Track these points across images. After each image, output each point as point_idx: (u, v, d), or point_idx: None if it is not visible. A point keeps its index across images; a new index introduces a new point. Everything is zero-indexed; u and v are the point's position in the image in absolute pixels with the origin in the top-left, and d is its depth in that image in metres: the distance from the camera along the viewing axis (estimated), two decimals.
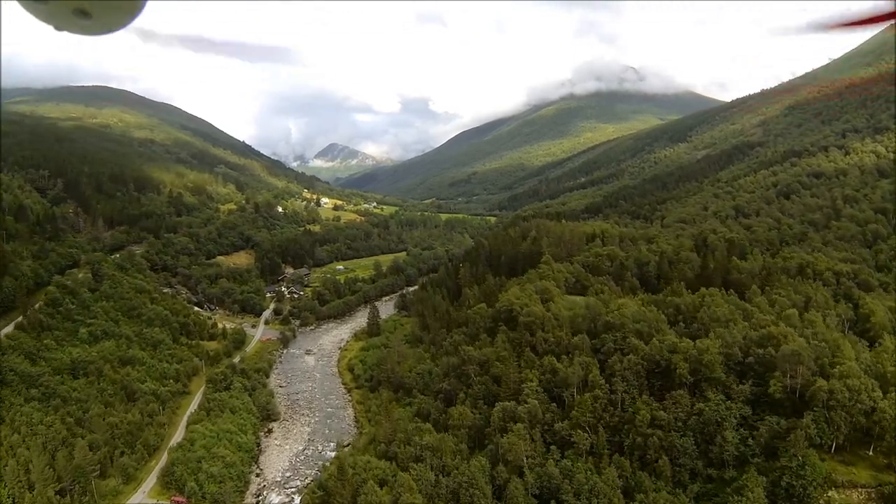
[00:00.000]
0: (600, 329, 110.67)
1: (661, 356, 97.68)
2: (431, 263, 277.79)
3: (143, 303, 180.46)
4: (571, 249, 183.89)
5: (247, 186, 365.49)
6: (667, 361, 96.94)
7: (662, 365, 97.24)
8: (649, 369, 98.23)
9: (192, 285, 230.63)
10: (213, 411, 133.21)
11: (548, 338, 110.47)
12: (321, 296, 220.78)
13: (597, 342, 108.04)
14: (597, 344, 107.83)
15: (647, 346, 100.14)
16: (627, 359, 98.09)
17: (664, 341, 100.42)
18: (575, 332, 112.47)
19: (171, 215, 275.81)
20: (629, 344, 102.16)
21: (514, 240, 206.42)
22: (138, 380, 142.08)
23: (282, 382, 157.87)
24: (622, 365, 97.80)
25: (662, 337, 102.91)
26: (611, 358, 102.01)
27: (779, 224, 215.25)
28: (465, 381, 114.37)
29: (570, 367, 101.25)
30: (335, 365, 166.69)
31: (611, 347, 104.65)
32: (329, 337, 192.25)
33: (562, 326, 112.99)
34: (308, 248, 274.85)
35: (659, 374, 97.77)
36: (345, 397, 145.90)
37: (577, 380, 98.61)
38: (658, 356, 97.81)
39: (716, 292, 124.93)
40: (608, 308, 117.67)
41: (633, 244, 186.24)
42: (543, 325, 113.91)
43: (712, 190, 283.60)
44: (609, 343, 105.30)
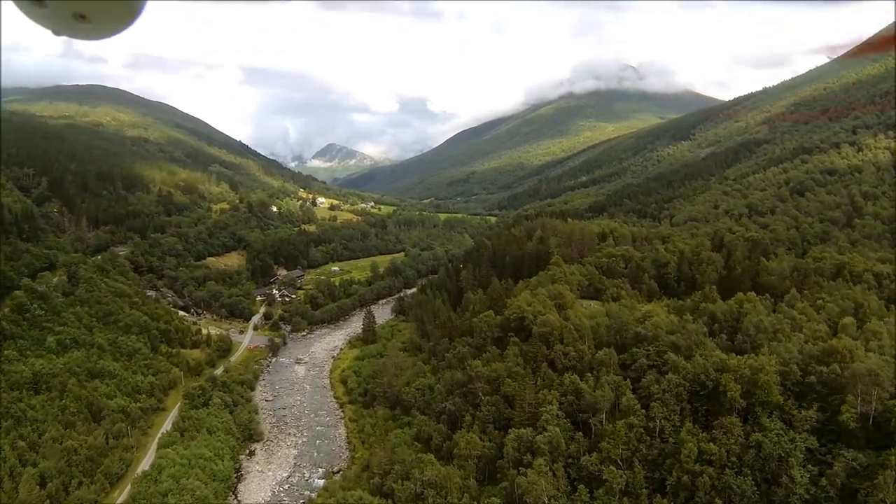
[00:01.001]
0: (629, 341, 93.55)
1: (707, 376, 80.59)
2: (430, 264, 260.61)
3: (121, 308, 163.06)
4: (582, 250, 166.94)
5: (241, 186, 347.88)
6: (714, 382, 79.86)
7: (709, 386, 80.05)
8: (692, 391, 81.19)
9: (178, 288, 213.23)
10: (188, 432, 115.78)
11: (567, 351, 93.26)
12: (314, 299, 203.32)
13: (625, 357, 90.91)
14: (625, 359, 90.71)
15: (689, 362, 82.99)
16: (667, 379, 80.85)
17: (709, 358, 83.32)
18: (598, 345, 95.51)
19: (159, 215, 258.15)
20: (667, 360, 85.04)
21: (518, 239, 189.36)
22: (107, 395, 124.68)
23: (268, 395, 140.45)
24: (660, 386, 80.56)
25: (705, 352, 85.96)
26: (645, 377, 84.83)
27: (797, 222, 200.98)
28: (472, 400, 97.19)
29: (598, 388, 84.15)
30: (327, 376, 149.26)
31: (643, 364, 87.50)
32: (321, 344, 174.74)
33: (583, 338, 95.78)
34: (302, 248, 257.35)
35: (704, 398, 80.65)
36: (336, 413, 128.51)
37: (606, 404, 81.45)
38: (703, 376, 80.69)
39: (755, 297, 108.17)
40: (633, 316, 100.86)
41: (648, 244, 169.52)
42: (562, 336, 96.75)
43: (721, 188, 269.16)
44: (641, 359, 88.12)
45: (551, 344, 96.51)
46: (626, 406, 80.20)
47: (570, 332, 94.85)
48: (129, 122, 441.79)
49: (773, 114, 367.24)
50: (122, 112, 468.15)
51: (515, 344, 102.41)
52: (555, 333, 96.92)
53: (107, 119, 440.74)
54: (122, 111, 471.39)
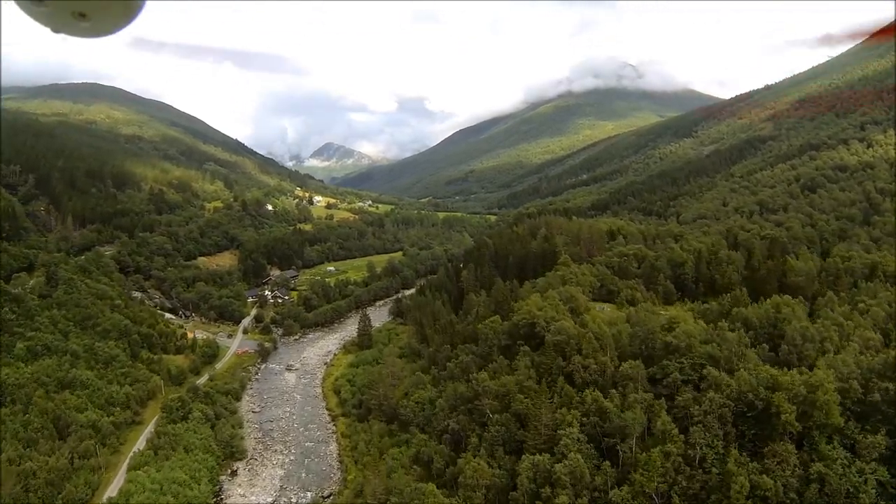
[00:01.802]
0: (657, 353, 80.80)
1: (756, 395, 67.92)
2: (430, 264, 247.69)
3: (102, 311, 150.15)
4: (591, 249, 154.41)
5: (236, 184, 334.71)
6: (763, 402, 67.20)
7: (757, 407, 67.36)
8: (737, 412, 68.53)
9: (166, 289, 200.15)
10: (163, 450, 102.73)
11: (587, 364, 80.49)
12: (308, 300, 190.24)
13: (655, 371, 78.18)
14: (655, 374, 78.00)
15: (733, 378, 70.26)
16: (708, 398, 68.08)
17: (757, 373, 70.63)
18: (622, 357, 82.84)
19: (150, 213, 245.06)
20: (705, 376, 72.34)
21: (522, 238, 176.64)
22: (77, 408, 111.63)
23: (255, 406, 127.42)
24: (701, 407, 67.81)
25: (749, 366, 73.30)
26: (679, 395, 72.15)
27: (812, 220, 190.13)
28: (479, 418, 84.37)
29: (626, 407, 71.44)
30: (319, 384, 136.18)
31: (676, 379, 74.78)
32: (314, 349, 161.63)
33: (604, 348, 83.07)
34: (297, 248, 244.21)
35: (752, 421, 67.99)
36: (328, 427, 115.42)
37: (638, 427, 68.70)
38: (751, 394, 68.02)
39: (792, 301, 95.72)
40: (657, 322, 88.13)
41: (661, 242, 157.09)
42: (580, 345, 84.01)
43: (728, 185, 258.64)
44: (673, 373, 75.39)
45: (567, 355, 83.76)
46: (660, 430, 67.36)
47: (590, 341, 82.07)
48: (124, 119, 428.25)
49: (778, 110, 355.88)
50: (117, 110, 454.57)
51: (526, 354, 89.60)
52: (571, 343, 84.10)
53: (101, 117, 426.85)
54: (117, 109, 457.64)
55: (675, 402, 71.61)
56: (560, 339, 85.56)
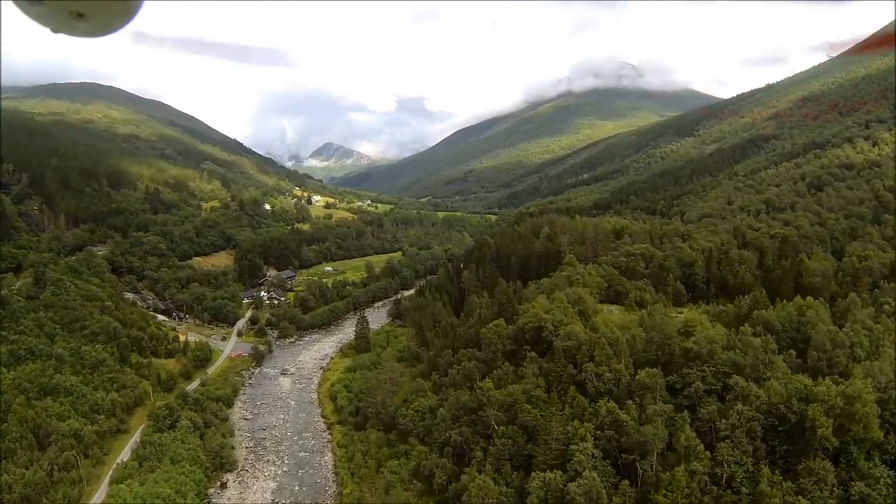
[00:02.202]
0: (676, 360, 74.40)
1: (789, 407, 61.54)
2: (429, 264, 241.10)
3: (90, 313, 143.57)
4: (597, 248, 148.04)
5: (234, 183, 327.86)
6: (797, 415, 60.83)
7: (790, 420, 60.99)
8: (767, 426, 62.17)
9: (159, 290, 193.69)
10: (148, 461, 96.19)
11: (601, 372, 74.04)
12: (304, 301, 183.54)
13: (674, 380, 71.78)
14: (674, 383, 71.60)
15: (762, 389, 63.86)
16: (736, 410, 61.66)
17: (789, 383, 64.23)
18: (637, 364, 76.44)
19: (145, 212, 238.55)
20: (731, 385, 65.96)
21: (525, 237, 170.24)
22: (59, 416, 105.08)
23: (248, 413, 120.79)
24: (728, 420, 61.41)
25: (778, 374, 66.92)
26: (702, 406, 65.78)
27: (820, 218, 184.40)
28: (483, 430, 77.88)
29: (645, 420, 65.00)
30: (314, 390, 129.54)
31: (698, 389, 68.39)
32: (310, 352, 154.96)
33: (618, 355, 76.65)
34: (294, 247, 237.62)
35: (784, 435, 61.65)
36: (323, 436, 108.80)
37: (659, 443, 62.29)
38: (783, 406, 61.64)
39: (814, 302, 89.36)
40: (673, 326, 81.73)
41: (669, 241, 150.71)
42: (592, 352, 77.57)
43: (732, 184, 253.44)
44: (695, 382, 68.95)
45: (579, 362, 77.28)
46: (684, 446, 60.98)
47: (603, 347, 75.58)
48: (121, 119, 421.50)
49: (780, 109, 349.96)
50: (114, 109, 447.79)
51: (533, 360, 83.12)
52: (583, 349, 77.62)
53: (98, 116, 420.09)
54: (114, 108, 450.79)
55: (698, 415, 65.22)
56: (570, 344, 79.12)
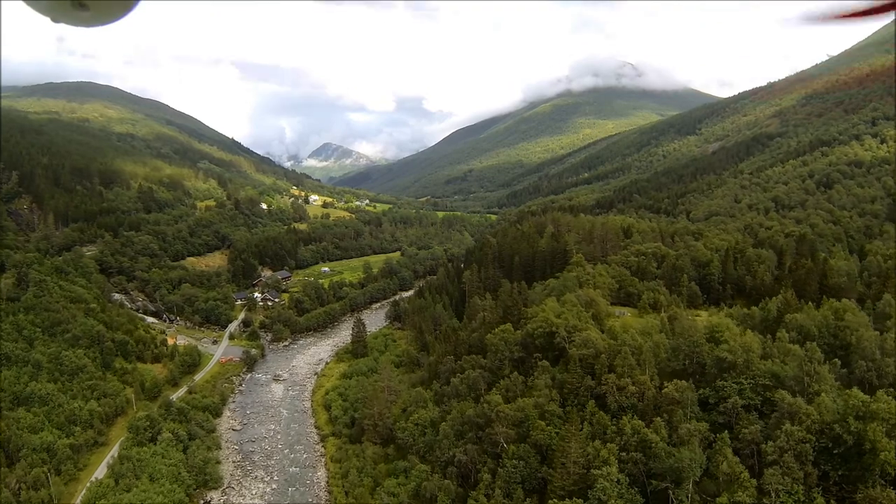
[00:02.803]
0: (708, 370, 65.78)
1: (843, 426, 52.95)
2: (429, 265, 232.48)
3: (73, 316, 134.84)
4: (605, 247, 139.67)
5: (230, 182, 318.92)
6: (853, 436, 52.23)
7: (846, 442, 52.44)
8: (819, 448, 53.63)
9: (150, 291, 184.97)
10: (125, 478, 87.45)
11: (623, 384, 65.42)
12: (299, 303, 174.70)
13: (707, 394, 63.18)
14: (707, 396, 62.99)
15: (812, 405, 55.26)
16: (784, 431, 53.05)
17: (841, 398, 55.62)
18: (662, 374, 67.83)
19: (138, 211, 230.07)
20: (776, 401, 57.37)
21: (529, 236, 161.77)
22: (31, 428, 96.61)
23: (236, 424, 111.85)
24: (776, 443, 52.80)
25: (826, 387, 58.33)
26: (744, 425, 57.22)
27: (833, 216, 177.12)
28: (491, 449, 69.19)
29: (678, 441, 56.36)
30: (308, 398, 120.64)
31: (736, 404, 59.80)
32: (305, 357, 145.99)
33: (642, 365, 68.01)
34: (290, 247, 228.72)
35: (838, 459, 53.06)
36: (316, 449, 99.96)
37: (696, 469, 53.67)
38: (838, 426, 53.04)
39: (850, 305, 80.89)
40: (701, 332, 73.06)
41: (680, 240, 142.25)
42: (611, 361, 68.95)
43: (737, 182, 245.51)
44: (732, 397, 60.35)
45: (597, 372, 68.65)
46: (725, 472, 52.30)
47: (626, 356, 66.89)
48: (118, 117, 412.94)
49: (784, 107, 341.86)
50: (111, 108, 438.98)
51: (545, 370, 74.41)
52: (602, 357, 68.97)
53: (94, 115, 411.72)
54: (111, 108, 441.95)
55: (738, 435, 56.58)
56: (587, 352, 70.47)
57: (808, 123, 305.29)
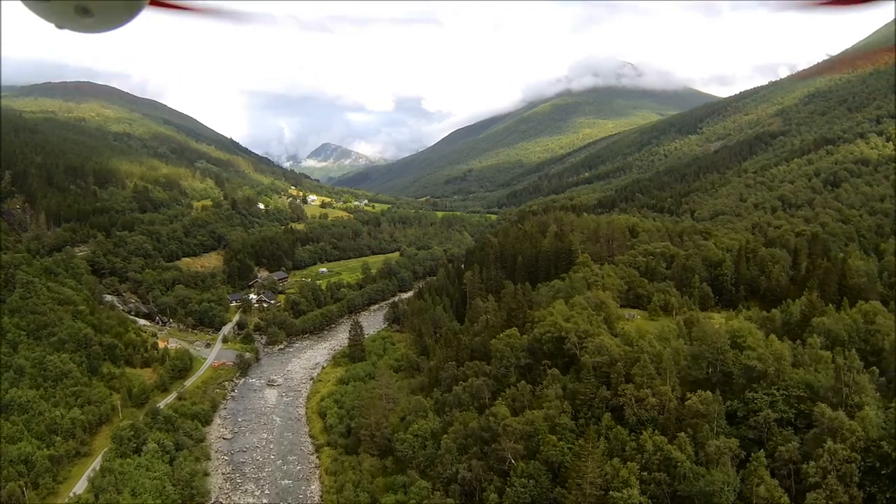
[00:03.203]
0: (735, 379, 59.90)
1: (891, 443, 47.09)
2: (428, 265, 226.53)
3: (61, 318, 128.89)
4: (612, 247, 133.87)
5: (228, 182, 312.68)
6: None
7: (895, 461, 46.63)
8: (865, 468, 47.81)
9: (142, 293, 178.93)
10: (106, 492, 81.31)
11: (642, 395, 59.52)
12: (296, 305, 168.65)
13: (735, 405, 57.27)
14: (735, 409, 57.10)
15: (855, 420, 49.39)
16: (827, 450, 47.18)
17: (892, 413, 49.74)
18: (683, 384, 61.95)
19: (133, 211, 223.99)
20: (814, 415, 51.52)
21: (531, 236, 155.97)
22: (9, 438, 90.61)
23: (227, 432, 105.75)
24: (818, 463, 46.93)
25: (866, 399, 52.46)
26: (778, 442, 51.33)
27: (842, 215, 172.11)
28: (498, 465, 63.24)
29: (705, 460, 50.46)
30: (303, 404, 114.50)
31: (768, 418, 53.91)
32: (300, 361, 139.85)
33: (662, 374, 62.06)
34: (287, 248, 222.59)
35: (886, 480, 47.22)
36: (310, 460, 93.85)
37: (730, 492, 47.75)
38: (885, 443, 47.21)
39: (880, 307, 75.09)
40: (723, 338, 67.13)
41: (689, 239, 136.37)
42: (627, 370, 63.07)
43: (742, 181, 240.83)
44: (764, 410, 54.46)
45: (613, 382, 62.74)
46: (763, 498, 46.34)
47: (645, 364, 60.94)
48: (115, 117, 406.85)
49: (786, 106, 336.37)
50: (108, 108, 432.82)
51: (555, 379, 68.46)
52: (618, 366, 63.04)
53: (91, 115, 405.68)
54: (108, 107, 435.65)
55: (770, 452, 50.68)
56: (601, 360, 64.53)
57: (811, 122, 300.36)
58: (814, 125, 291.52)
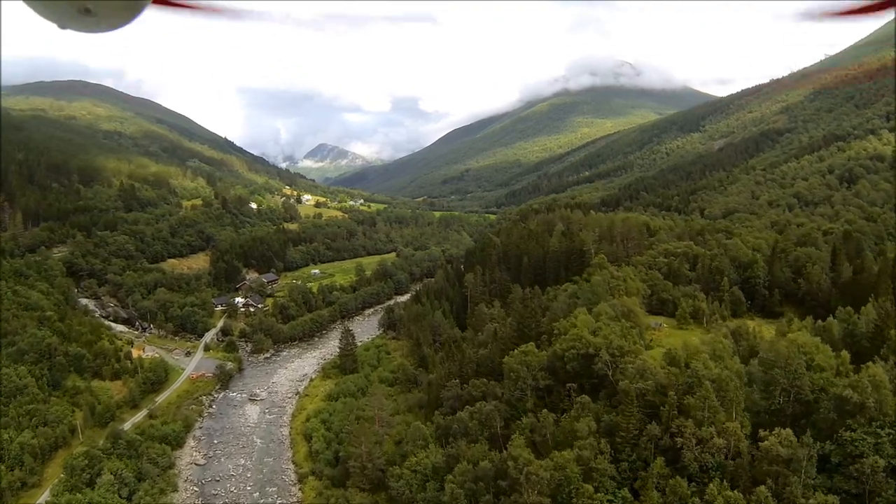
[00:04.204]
0: (821, 413, 46.46)
1: None
2: (426, 266, 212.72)
3: (24, 326, 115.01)
4: (628, 247, 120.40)
5: (220, 181, 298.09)
6: None
7: None
8: None
9: (122, 296, 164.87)
10: None
11: (705, 434, 45.94)
12: (284, 309, 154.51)
13: (826, 448, 43.80)
14: (827, 451, 43.67)
15: None
16: None
17: None
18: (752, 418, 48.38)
19: (117, 210, 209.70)
20: None
21: (538, 235, 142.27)
22: None
23: (200, 457, 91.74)
24: None
25: None
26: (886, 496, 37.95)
27: (865, 213, 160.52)
28: None
29: None
30: (287, 423, 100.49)
31: (875, 465, 40.54)
32: (287, 372, 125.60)
33: (727, 406, 48.41)
34: (278, 248, 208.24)
35: None
36: (292, 492, 79.75)
37: None
38: None
39: None
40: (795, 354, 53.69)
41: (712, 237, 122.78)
42: (681, 400, 49.49)
43: (751, 178, 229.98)
44: (869, 456, 41.01)
45: (662, 415, 49.13)
46: None
47: (706, 393, 47.27)
48: (106, 115, 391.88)
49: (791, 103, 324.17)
50: (100, 106, 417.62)
51: (585, 408, 54.76)
52: (671, 395, 49.37)
53: (82, 113, 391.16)
54: (100, 106, 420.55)
55: None
56: (644, 386, 50.86)
57: (818, 119, 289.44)
58: (821, 122, 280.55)
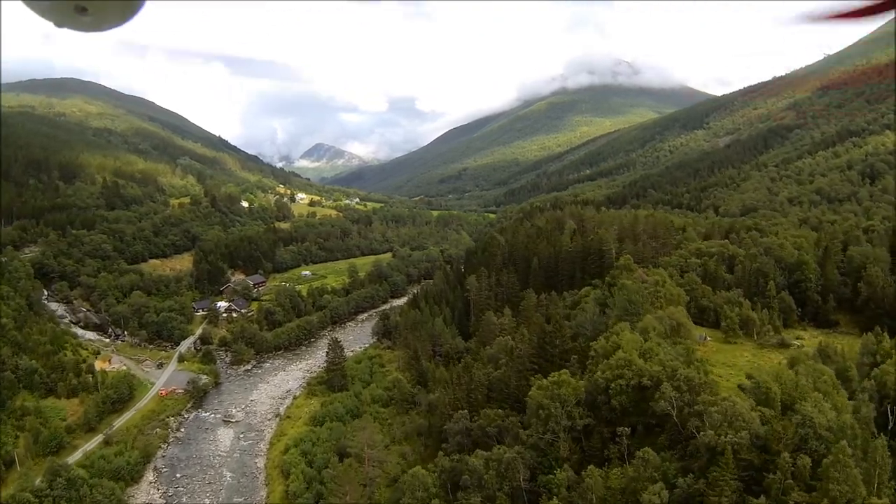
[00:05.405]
0: None
1: None
2: (424, 267, 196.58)
3: None
4: (655, 247, 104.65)
5: (211, 179, 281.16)
6: None
7: None
8: None
9: (95, 300, 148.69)
10: None
11: None
12: (270, 315, 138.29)
13: None
14: None
15: None
16: None
17: None
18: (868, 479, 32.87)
19: (98, 208, 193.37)
20: None
21: (548, 234, 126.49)
22: None
23: (159, 495, 75.47)
24: None
25: None
26: None
27: None
28: None
29: None
30: (264, 451, 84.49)
31: None
32: (268, 387, 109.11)
33: (865, 471, 32.95)
34: (267, 248, 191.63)
35: None
36: None
37: None
38: None
39: None
40: None
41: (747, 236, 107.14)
42: (794, 456, 33.87)
43: (764, 175, 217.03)
44: None
45: (771, 486, 33.39)
46: None
47: (843, 452, 31.67)
48: (97, 113, 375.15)
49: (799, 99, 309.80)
50: (91, 104, 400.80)
51: (649, 464, 38.93)
52: (784, 457, 33.62)
53: (73, 110, 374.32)
54: (91, 103, 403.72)
55: None
56: (739, 440, 35.03)
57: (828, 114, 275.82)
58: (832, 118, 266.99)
